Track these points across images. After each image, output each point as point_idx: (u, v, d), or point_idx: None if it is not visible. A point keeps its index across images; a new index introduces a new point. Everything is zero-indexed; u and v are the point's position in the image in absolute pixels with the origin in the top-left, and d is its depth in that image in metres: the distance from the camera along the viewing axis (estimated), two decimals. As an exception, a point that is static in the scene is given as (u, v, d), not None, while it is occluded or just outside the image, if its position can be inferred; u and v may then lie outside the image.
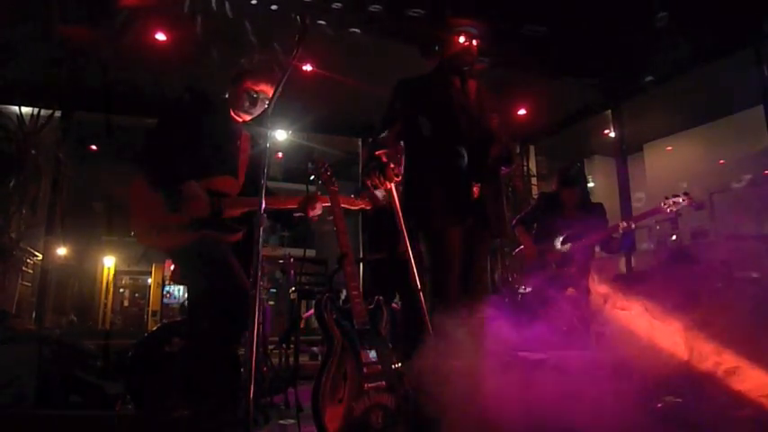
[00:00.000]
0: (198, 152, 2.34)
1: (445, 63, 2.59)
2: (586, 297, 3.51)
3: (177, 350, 2.75)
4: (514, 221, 4.02)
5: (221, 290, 2.23)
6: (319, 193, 2.52)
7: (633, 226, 3.52)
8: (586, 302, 3.45)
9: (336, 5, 4.12)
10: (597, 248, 3.90)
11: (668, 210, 3.37)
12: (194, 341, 2.38)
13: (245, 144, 2.56)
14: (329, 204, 2.52)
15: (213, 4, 4.06)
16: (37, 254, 5.34)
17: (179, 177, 2.23)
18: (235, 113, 2.51)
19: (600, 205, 3.87)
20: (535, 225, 4.00)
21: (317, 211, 2.52)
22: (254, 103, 2.46)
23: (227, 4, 4.09)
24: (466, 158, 2.42)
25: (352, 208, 2.64)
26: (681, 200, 3.32)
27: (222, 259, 2.28)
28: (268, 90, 2.46)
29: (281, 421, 2.83)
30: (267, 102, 2.46)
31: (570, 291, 3.56)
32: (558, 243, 3.75)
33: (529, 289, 3.86)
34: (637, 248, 5.90)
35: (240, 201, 2.41)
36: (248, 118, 2.54)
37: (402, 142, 2.58)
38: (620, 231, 3.49)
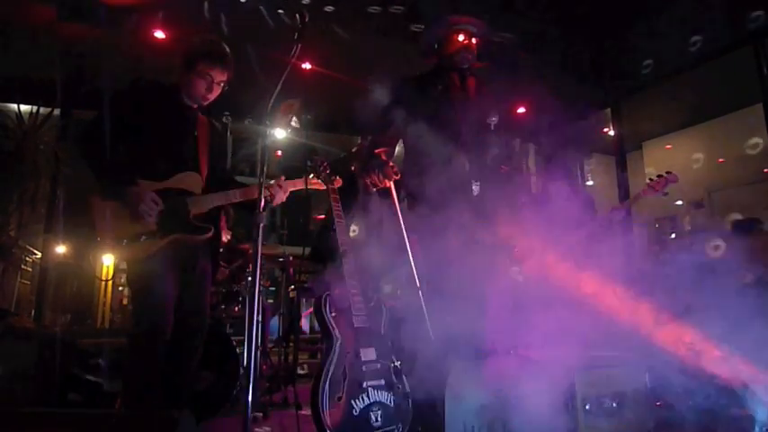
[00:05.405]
0: (150, 151, 2.19)
1: (444, 61, 2.58)
2: None
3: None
4: None
5: (144, 306, 2.16)
6: (284, 177, 2.42)
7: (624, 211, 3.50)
8: None
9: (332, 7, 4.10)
10: None
11: (654, 189, 3.35)
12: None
13: (202, 131, 2.35)
14: (295, 189, 2.45)
15: (214, 5, 4.05)
16: (36, 252, 5.32)
17: (125, 180, 2.10)
18: (188, 100, 2.33)
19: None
20: None
21: (282, 197, 2.41)
22: (210, 88, 2.29)
23: (229, 5, 4.07)
24: (466, 156, 2.42)
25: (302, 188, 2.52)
26: (664, 176, 3.32)
27: (165, 282, 2.12)
28: (222, 74, 2.29)
29: None
30: (222, 86, 2.33)
31: None
32: None
33: None
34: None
35: (205, 199, 2.27)
36: (204, 104, 2.36)
37: (401, 140, 2.57)
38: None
